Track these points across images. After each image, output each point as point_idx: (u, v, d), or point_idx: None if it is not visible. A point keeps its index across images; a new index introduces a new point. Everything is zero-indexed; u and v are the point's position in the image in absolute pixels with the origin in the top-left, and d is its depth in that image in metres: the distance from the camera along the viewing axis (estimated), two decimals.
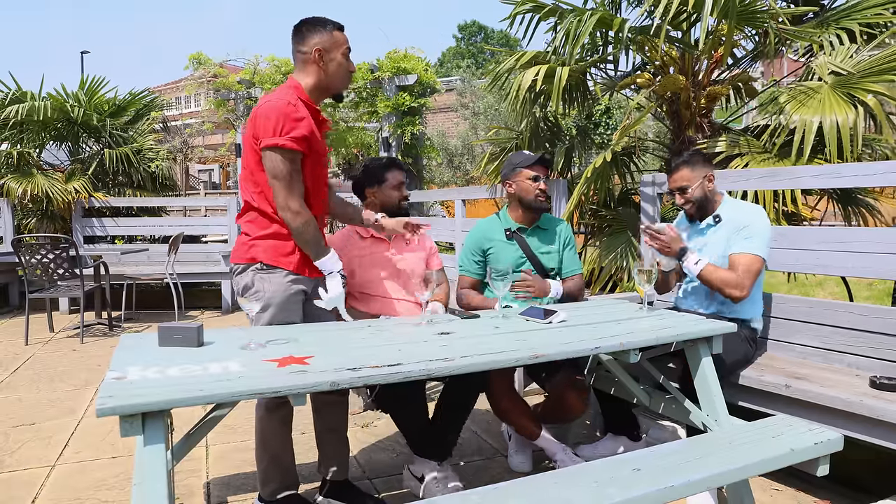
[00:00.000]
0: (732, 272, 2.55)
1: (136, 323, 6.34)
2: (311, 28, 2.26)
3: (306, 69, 2.27)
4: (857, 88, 3.45)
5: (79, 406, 3.74)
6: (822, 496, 2.54)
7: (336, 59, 2.28)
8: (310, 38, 2.25)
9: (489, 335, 2.10)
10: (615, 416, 2.92)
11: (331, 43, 2.26)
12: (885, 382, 2.28)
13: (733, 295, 2.54)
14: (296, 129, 2.14)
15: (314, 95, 2.31)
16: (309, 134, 2.18)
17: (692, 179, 2.69)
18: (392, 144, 7.43)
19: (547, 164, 2.92)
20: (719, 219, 2.70)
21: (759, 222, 2.60)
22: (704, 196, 2.70)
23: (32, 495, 2.61)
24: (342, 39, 2.29)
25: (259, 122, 2.16)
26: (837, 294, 7.05)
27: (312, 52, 2.24)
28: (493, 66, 4.87)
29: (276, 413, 2.27)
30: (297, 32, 2.29)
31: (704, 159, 2.73)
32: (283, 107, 2.14)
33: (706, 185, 2.70)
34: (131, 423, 1.44)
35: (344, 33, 2.31)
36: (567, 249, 2.96)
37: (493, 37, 40.10)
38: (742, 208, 2.70)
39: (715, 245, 2.68)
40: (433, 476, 2.46)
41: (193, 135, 9.93)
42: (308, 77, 2.28)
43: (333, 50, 2.27)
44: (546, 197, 2.87)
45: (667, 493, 1.64)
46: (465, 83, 17.41)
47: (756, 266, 2.55)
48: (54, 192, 6.95)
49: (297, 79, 2.29)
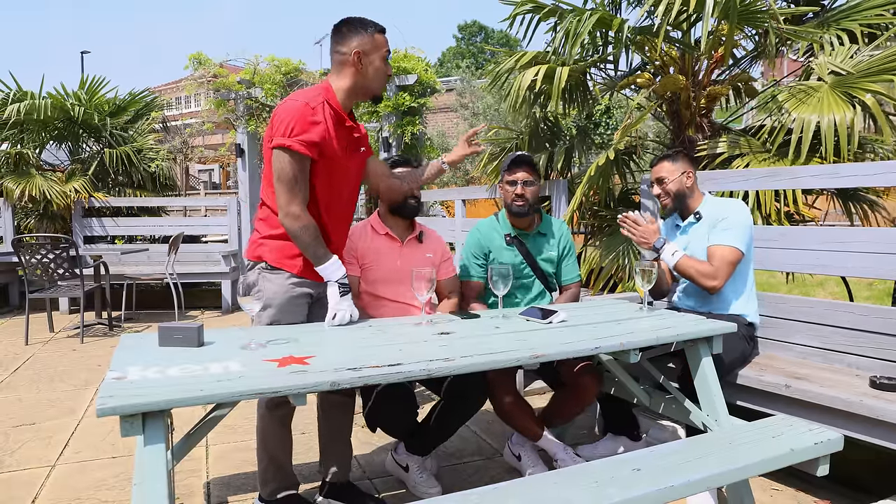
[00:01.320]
0: (708, 263, 2.61)
1: (136, 323, 6.35)
2: (351, 29, 2.20)
3: (343, 71, 2.22)
4: (856, 88, 3.45)
5: (79, 406, 3.74)
6: (822, 496, 2.54)
7: (375, 62, 2.22)
8: (350, 39, 2.19)
9: (489, 335, 2.10)
10: (615, 416, 2.92)
11: (371, 45, 2.20)
12: (885, 382, 2.28)
13: (707, 285, 2.59)
14: (307, 133, 2.09)
15: (349, 99, 2.25)
16: (320, 140, 2.13)
17: (671, 173, 2.76)
18: (392, 144, 7.43)
19: (527, 166, 2.81)
20: (699, 216, 2.76)
21: (736, 215, 2.65)
22: (681, 191, 2.76)
23: (32, 495, 2.61)
24: (382, 42, 2.24)
25: (275, 119, 2.13)
26: (837, 294, 7.05)
27: (352, 54, 2.18)
28: (493, 66, 4.86)
29: (275, 412, 2.27)
30: (336, 32, 2.23)
31: (688, 158, 2.81)
32: (301, 107, 2.10)
33: (683, 181, 2.76)
34: (131, 423, 1.44)
35: (385, 36, 2.25)
36: (567, 257, 2.94)
37: (493, 37, 40.09)
38: (721, 203, 2.76)
39: (697, 241, 2.73)
40: (417, 467, 2.62)
41: (193, 135, 9.92)
42: (344, 79, 2.22)
43: (373, 53, 2.21)
44: (525, 201, 2.78)
45: (667, 493, 1.64)
46: (464, 83, 17.41)
47: (732, 257, 2.59)
48: (52, 192, 6.95)
49: (331, 81, 2.24)
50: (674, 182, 2.76)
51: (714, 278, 2.58)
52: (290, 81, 7.46)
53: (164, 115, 8.82)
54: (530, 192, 2.79)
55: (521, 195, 2.77)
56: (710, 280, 2.58)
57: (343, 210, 2.35)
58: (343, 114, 2.23)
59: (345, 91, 2.23)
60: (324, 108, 2.16)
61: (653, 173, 2.83)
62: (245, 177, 7.78)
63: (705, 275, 2.59)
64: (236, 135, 7.80)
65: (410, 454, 2.64)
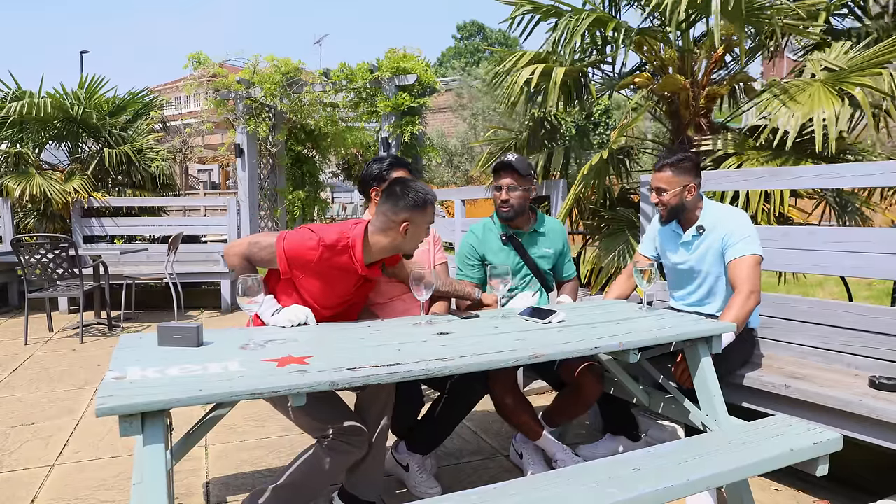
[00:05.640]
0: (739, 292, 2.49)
1: (135, 323, 6.34)
2: (408, 199, 2.21)
3: (387, 232, 2.23)
4: (847, 82, 3.46)
5: (78, 406, 3.74)
6: (821, 496, 2.54)
7: (418, 233, 2.26)
8: (404, 210, 2.20)
9: (489, 335, 2.09)
10: (614, 416, 2.92)
11: (421, 219, 2.24)
12: (884, 382, 2.28)
13: (752, 304, 2.48)
14: (292, 251, 2.16)
15: (381, 255, 2.28)
16: (291, 266, 2.18)
17: (672, 185, 2.64)
18: (392, 144, 7.42)
19: (512, 171, 2.79)
20: (703, 229, 2.66)
21: (743, 225, 2.58)
22: (680, 205, 2.66)
23: (32, 495, 2.61)
24: (430, 214, 2.27)
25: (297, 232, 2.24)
26: (837, 294, 7.05)
27: (400, 224, 2.21)
28: (491, 65, 4.86)
29: (338, 457, 2.11)
30: (391, 194, 2.24)
31: (693, 168, 2.66)
32: (306, 234, 2.18)
33: (684, 195, 2.64)
34: (131, 422, 1.44)
35: (433, 207, 2.28)
36: (564, 255, 2.97)
37: (491, 37, 40.10)
38: (722, 214, 2.66)
39: (702, 256, 2.66)
40: (418, 467, 2.61)
41: (193, 134, 9.92)
42: (385, 240, 2.23)
43: (420, 225, 2.25)
44: (510, 207, 2.78)
45: (666, 493, 1.64)
46: (463, 83, 17.42)
47: (755, 263, 2.54)
48: (52, 192, 6.95)
49: (371, 233, 2.24)
50: (673, 196, 2.64)
51: (751, 293, 2.47)
52: (289, 81, 7.46)
53: (163, 115, 8.81)
54: (515, 197, 2.79)
55: (506, 201, 2.79)
56: (750, 298, 2.46)
57: (345, 317, 2.39)
58: (363, 266, 2.22)
59: (381, 248, 2.25)
60: (339, 255, 2.19)
61: (653, 179, 2.71)
62: (244, 177, 7.78)
63: (744, 301, 2.45)
64: (236, 135, 7.80)
65: (412, 453, 2.64)
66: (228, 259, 2.23)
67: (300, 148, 8.68)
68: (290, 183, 8.57)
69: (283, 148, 8.45)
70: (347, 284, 2.29)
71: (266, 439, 3.23)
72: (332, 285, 2.26)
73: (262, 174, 8.31)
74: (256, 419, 3.50)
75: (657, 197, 2.70)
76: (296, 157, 8.67)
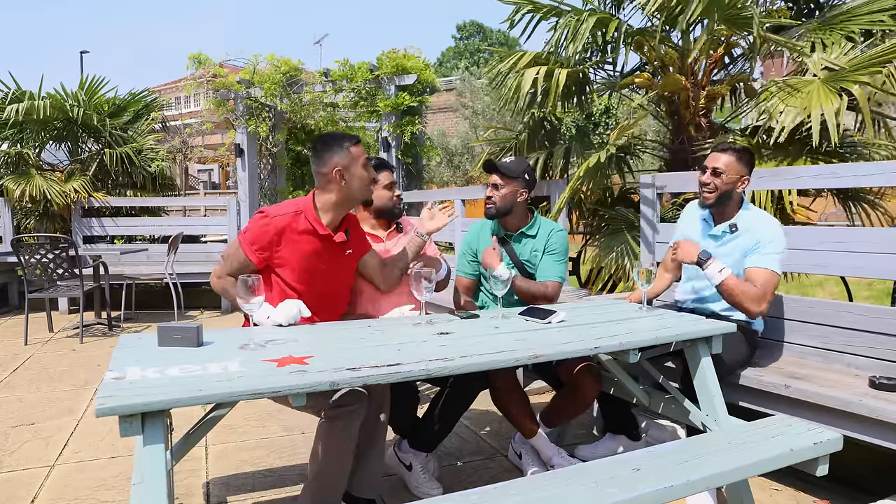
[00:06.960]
0: (754, 287, 2.46)
1: (135, 323, 6.34)
2: (326, 148, 2.31)
3: (329, 188, 2.32)
4: (846, 81, 3.46)
5: (78, 406, 3.74)
6: (821, 496, 2.54)
7: (357, 173, 2.32)
8: (328, 158, 2.29)
9: (489, 335, 2.10)
10: (614, 415, 2.92)
11: (349, 160, 2.30)
12: (884, 382, 2.28)
13: (752, 310, 2.45)
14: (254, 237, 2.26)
15: (336, 211, 2.35)
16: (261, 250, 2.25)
17: (730, 171, 2.56)
18: (392, 144, 7.43)
19: (496, 170, 2.80)
20: (735, 228, 2.60)
21: (777, 239, 2.52)
22: (730, 192, 2.59)
23: (32, 495, 2.61)
24: (359, 153, 2.33)
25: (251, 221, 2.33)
26: (837, 294, 7.05)
27: (332, 172, 2.28)
28: (491, 65, 4.86)
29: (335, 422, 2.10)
30: (314, 153, 2.35)
31: (751, 164, 2.61)
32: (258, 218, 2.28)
33: (737, 185, 2.58)
34: (131, 423, 1.44)
35: (360, 146, 2.35)
36: (547, 255, 2.82)
37: (491, 37, 40.07)
38: (758, 220, 2.60)
39: (728, 254, 2.59)
40: (421, 467, 2.61)
41: (193, 135, 9.94)
42: (330, 195, 2.32)
43: (353, 166, 2.31)
44: (493, 204, 2.80)
45: (666, 493, 1.64)
46: (463, 83, 17.43)
47: (775, 282, 2.49)
48: (52, 193, 6.95)
49: (317, 196, 2.35)
50: (728, 182, 2.56)
51: (762, 302, 2.44)
52: (289, 81, 7.47)
53: (163, 115, 8.81)
54: (498, 195, 2.81)
55: (489, 198, 2.83)
56: (757, 304, 2.43)
57: (332, 304, 2.44)
58: (325, 232, 2.31)
59: (333, 204, 2.33)
60: (294, 220, 2.28)
61: (711, 158, 2.61)
62: (244, 176, 7.79)
63: (753, 298, 2.43)
64: (236, 135, 7.81)
65: (416, 452, 2.63)
66: (217, 287, 2.33)
67: (300, 148, 8.68)
68: (290, 183, 8.58)
69: (283, 148, 8.46)
70: (320, 257, 2.32)
71: (266, 439, 3.23)
72: (307, 261, 2.30)
73: (262, 174, 8.31)
74: (256, 419, 3.50)
75: (710, 177, 2.59)
76: (296, 157, 8.67)
